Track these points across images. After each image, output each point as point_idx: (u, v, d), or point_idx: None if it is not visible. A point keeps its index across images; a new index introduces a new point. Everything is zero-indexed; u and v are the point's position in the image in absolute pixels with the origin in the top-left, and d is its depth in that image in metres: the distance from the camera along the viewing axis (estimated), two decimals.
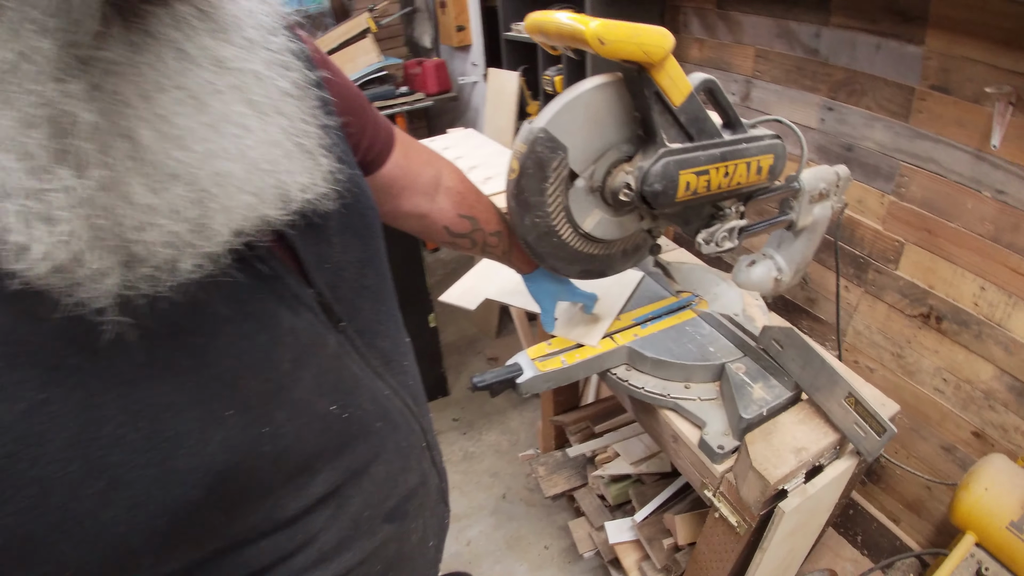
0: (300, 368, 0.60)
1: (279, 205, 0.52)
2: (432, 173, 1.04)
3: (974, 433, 1.78)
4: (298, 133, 0.54)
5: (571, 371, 1.27)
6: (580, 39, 0.84)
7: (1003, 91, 1.43)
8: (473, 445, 2.73)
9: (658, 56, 0.91)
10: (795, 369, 1.20)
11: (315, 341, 0.63)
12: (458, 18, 3.83)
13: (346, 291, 0.69)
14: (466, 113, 4.32)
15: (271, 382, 0.57)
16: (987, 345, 1.67)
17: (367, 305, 0.74)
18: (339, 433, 0.67)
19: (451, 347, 3.37)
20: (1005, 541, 1.48)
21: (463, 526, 2.35)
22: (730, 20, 2.11)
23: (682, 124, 1.03)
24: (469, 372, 3.20)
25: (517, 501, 2.44)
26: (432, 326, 2.69)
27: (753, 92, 2.13)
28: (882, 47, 1.68)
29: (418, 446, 0.83)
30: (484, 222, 1.13)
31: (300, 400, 0.61)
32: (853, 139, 1.85)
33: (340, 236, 0.68)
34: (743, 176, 1.14)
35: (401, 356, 0.84)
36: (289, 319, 0.60)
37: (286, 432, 0.59)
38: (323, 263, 0.65)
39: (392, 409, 0.77)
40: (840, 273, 1.97)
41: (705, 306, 1.48)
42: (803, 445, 1.13)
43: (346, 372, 0.68)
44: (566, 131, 1.00)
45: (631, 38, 0.86)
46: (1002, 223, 1.56)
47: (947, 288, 1.73)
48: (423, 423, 0.86)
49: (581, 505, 2.07)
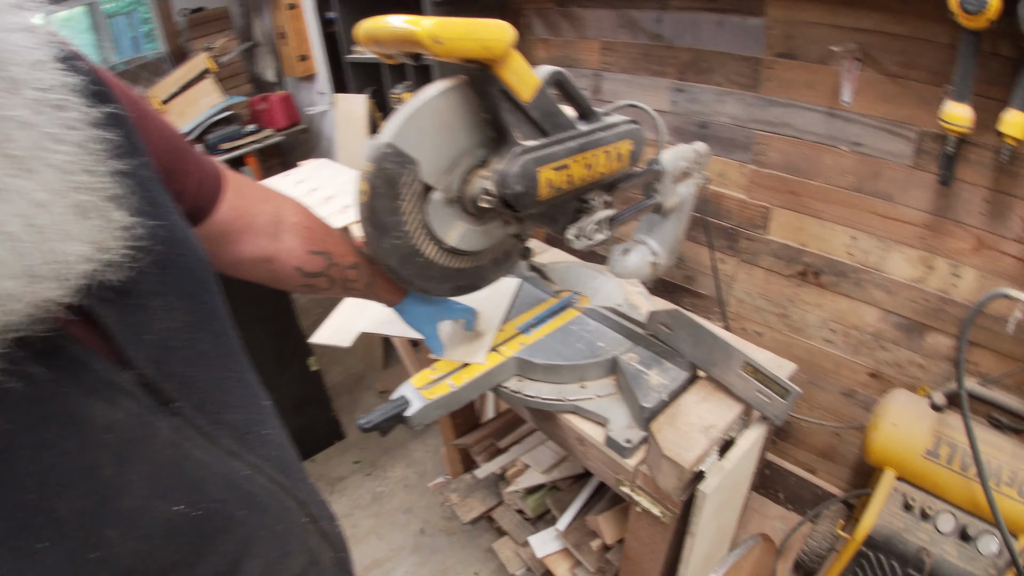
0: (127, 470, 0.49)
1: (56, 284, 0.41)
2: (271, 210, 0.91)
3: (871, 374, 1.86)
4: (77, 187, 0.43)
5: (461, 394, 1.20)
6: (415, 41, 0.78)
7: (849, 49, 1.49)
8: (380, 485, 2.60)
9: (499, 50, 0.86)
10: (687, 349, 1.19)
11: (142, 433, 0.52)
12: (299, 48, 3.70)
13: (176, 364, 0.57)
14: (319, 144, 4.19)
15: (92, 495, 0.47)
16: (867, 290, 1.75)
17: (205, 375, 0.62)
18: (193, 536, 0.56)
19: (339, 387, 3.22)
20: (924, 470, 1.54)
21: (386, 571, 2.23)
22: (572, 16, 2.12)
23: (534, 120, 0.99)
24: (361, 410, 3.05)
25: (437, 533, 2.34)
26: (314, 370, 2.55)
27: (603, 84, 2.15)
28: (724, 23, 1.73)
29: (297, 523, 0.72)
30: (339, 256, 1.01)
31: (133, 509, 0.50)
32: (706, 116, 1.89)
33: (159, 299, 0.56)
34: (604, 165, 1.11)
35: (259, 425, 0.71)
36: (104, 413, 0.48)
37: (122, 552, 0.49)
38: (141, 336, 0.53)
39: (256, 491, 0.65)
40: (713, 246, 2.01)
41: (587, 302, 1.45)
42: (710, 423, 1.11)
43: (188, 462, 0.57)
44: (414, 143, 0.93)
45: (469, 35, 0.81)
46: (863, 173, 1.63)
47: (819, 243, 1.80)
48: (300, 495, 0.74)
49: (502, 524, 2.01)
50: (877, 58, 1.50)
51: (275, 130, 3.77)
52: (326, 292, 1.05)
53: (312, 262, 0.97)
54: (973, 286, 1.57)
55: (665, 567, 1.29)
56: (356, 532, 2.38)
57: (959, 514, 1.52)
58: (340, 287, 1.04)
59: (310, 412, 2.66)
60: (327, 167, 2.67)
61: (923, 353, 1.73)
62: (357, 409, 3.07)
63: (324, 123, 4.01)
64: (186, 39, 3.93)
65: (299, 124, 3.91)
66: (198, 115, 3.53)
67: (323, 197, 2.29)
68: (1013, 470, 1.44)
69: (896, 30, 1.45)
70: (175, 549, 0.54)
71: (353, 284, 1.06)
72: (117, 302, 0.51)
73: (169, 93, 3.57)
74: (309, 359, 2.49)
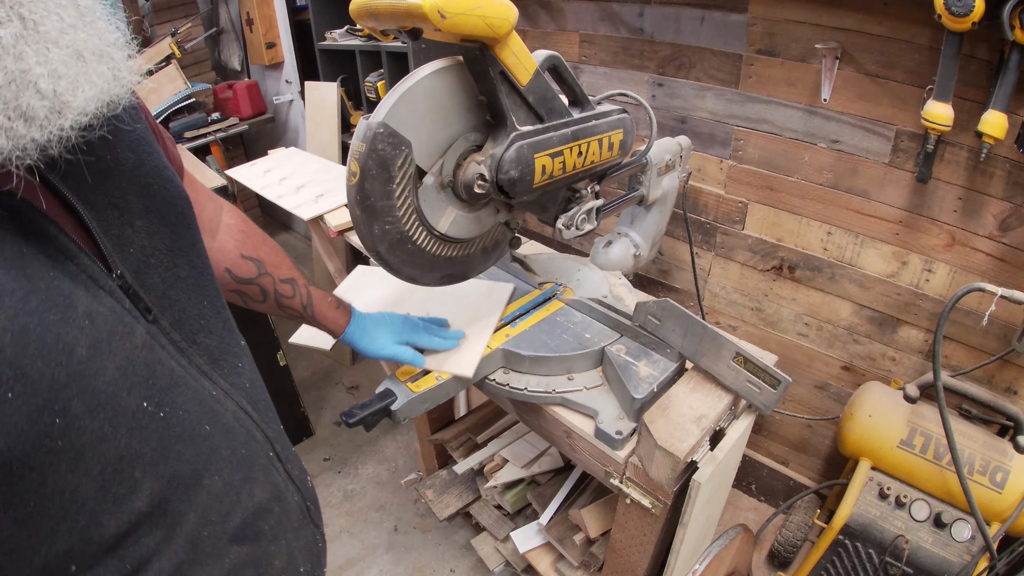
0: (100, 356, 0.52)
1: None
2: (214, 208, 0.93)
3: (844, 367, 1.89)
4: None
5: (447, 386, 1.17)
6: (419, 15, 0.75)
7: (829, 47, 1.50)
8: (351, 482, 2.55)
9: (503, 30, 0.84)
10: (676, 340, 1.18)
11: (118, 330, 0.55)
12: (267, 35, 3.61)
13: (156, 280, 0.63)
14: (285, 134, 4.11)
15: (63, 367, 0.49)
16: (842, 284, 1.77)
17: (185, 298, 0.66)
18: (156, 434, 0.58)
19: (306, 383, 3.16)
20: (899, 459, 1.58)
21: (360, 570, 2.19)
22: (551, 8, 2.11)
23: (531, 104, 0.97)
24: (331, 407, 3.01)
25: (411, 531, 2.31)
26: (283, 364, 2.49)
27: (582, 77, 2.14)
28: (706, 19, 1.73)
29: (263, 456, 0.74)
30: (271, 266, 1.00)
31: (102, 392, 0.52)
32: (686, 111, 1.89)
33: (144, 220, 0.62)
34: (596, 154, 1.10)
35: (233, 357, 0.74)
36: (86, 302, 0.52)
37: (85, 428, 0.50)
38: (126, 247, 0.59)
39: (222, 412, 0.68)
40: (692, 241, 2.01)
41: (571, 293, 1.44)
42: (702, 413, 1.11)
43: (160, 367, 0.60)
44: (408, 124, 0.90)
45: (473, 10, 0.78)
46: (840, 170, 1.65)
47: (795, 238, 1.81)
48: (268, 432, 0.76)
49: (480, 520, 1.98)
50: (857, 57, 1.52)
51: (240, 119, 3.68)
52: (259, 306, 1.02)
53: (242, 267, 0.96)
54: (945, 281, 1.60)
55: (652, 559, 1.28)
56: (328, 531, 2.30)
57: (933, 502, 1.55)
58: (273, 302, 1.02)
59: (278, 408, 2.55)
60: (297, 156, 2.60)
61: (896, 346, 1.76)
62: (325, 405, 3.02)
63: (291, 112, 3.93)
64: (150, 24, 3.81)
65: (265, 113, 3.82)
66: (161, 102, 3.43)
67: (294, 186, 2.23)
68: (985, 459, 1.48)
69: (876, 30, 1.47)
70: (137, 442, 0.56)
71: (287, 301, 1.03)
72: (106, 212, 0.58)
73: None
74: (278, 353, 2.43)
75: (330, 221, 1.99)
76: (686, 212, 1.85)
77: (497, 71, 0.90)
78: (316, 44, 3.09)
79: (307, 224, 2.10)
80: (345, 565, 2.20)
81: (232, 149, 4.24)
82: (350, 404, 2.59)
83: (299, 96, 3.61)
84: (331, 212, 2.04)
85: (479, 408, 2.20)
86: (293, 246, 4.67)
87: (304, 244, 4.60)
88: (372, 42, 2.75)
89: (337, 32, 2.99)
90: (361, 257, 2.64)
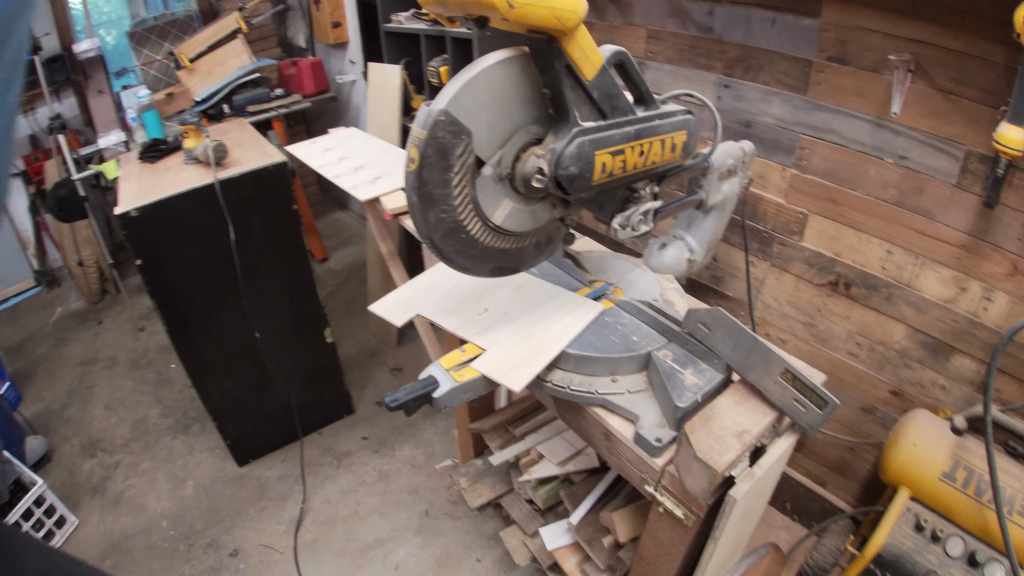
0: None
1: None
2: None
3: (892, 392, 1.82)
4: None
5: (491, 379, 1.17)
6: (486, 3, 0.74)
7: (903, 58, 1.44)
8: (387, 463, 2.59)
9: (572, 23, 0.82)
10: (725, 350, 1.15)
11: None
12: (333, 14, 3.66)
13: None
14: (346, 113, 4.16)
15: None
16: (897, 306, 1.71)
17: None
18: None
19: (351, 361, 3.21)
20: (939, 492, 1.51)
21: (388, 550, 2.22)
22: (620, 2, 2.07)
23: (595, 100, 0.95)
24: (374, 386, 3.05)
25: (441, 516, 2.32)
26: (329, 341, 2.53)
27: (647, 74, 2.10)
28: (778, 21, 1.67)
29: None
30: None
31: None
32: (751, 115, 1.84)
33: None
34: (658, 155, 1.08)
35: None
36: None
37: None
38: None
39: None
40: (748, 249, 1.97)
41: (621, 294, 1.42)
42: (744, 428, 1.08)
43: None
44: (469, 113, 0.89)
45: (542, 1, 0.77)
46: (905, 187, 1.58)
47: (853, 254, 1.75)
48: None
49: (511, 513, 1.98)
50: (930, 71, 1.45)
51: (303, 96, 3.74)
52: None
53: None
54: (1004, 311, 1.54)
55: (680, 570, 1.26)
56: (360, 509, 2.37)
57: (969, 539, 1.49)
58: None
59: (322, 384, 2.64)
60: (357, 136, 2.62)
61: (947, 375, 1.69)
62: (368, 384, 3.05)
63: (353, 93, 3.97)
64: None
65: (328, 91, 3.87)
66: (226, 75, 3.50)
67: (352, 166, 2.24)
68: None
69: (951, 45, 1.40)
70: None
71: None
72: None
73: (197, 52, 3.54)
74: (325, 330, 2.47)
75: (386, 204, 2.00)
76: (744, 219, 1.81)
77: (563, 64, 0.88)
78: (381, 26, 3.11)
79: (363, 205, 2.11)
80: (374, 544, 2.23)
81: (294, 125, 4.31)
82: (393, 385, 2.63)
83: (362, 77, 3.63)
84: (387, 195, 2.04)
85: (519, 401, 2.19)
86: (348, 224, 4.74)
87: (359, 224, 4.67)
88: (437, 27, 2.75)
89: (403, 15, 3.00)
90: (414, 240, 2.66)
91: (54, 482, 2.64)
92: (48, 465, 2.80)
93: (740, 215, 1.82)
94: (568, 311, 1.30)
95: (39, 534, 2.30)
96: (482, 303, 1.33)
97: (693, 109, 1.16)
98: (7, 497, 2.17)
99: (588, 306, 1.33)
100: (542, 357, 1.18)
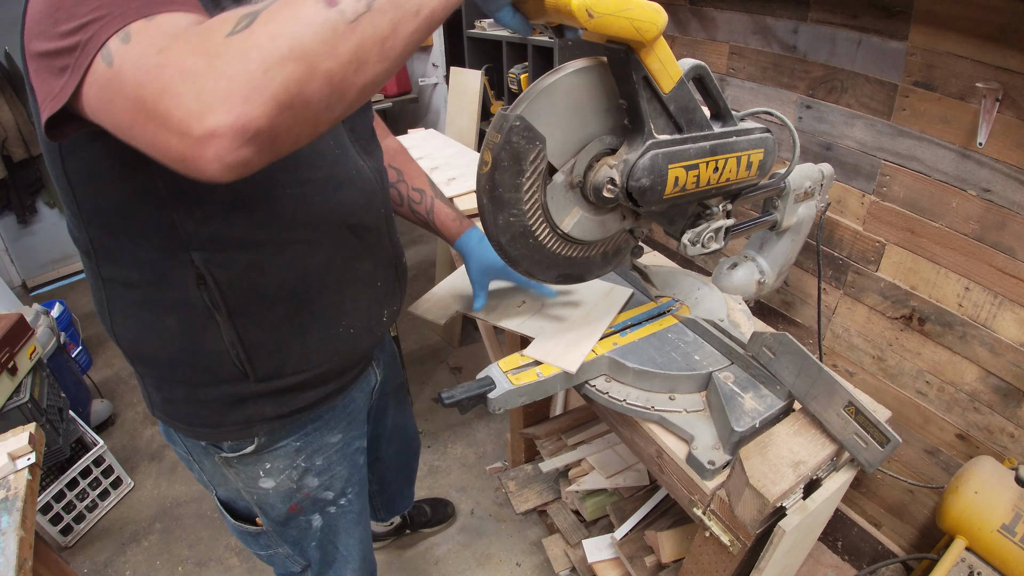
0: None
1: None
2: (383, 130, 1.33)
3: (958, 435, 1.74)
4: None
5: (547, 384, 1.17)
6: (566, 12, 0.75)
7: (991, 87, 1.38)
8: (438, 459, 2.62)
9: (651, 35, 0.82)
10: (788, 377, 1.12)
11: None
12: None
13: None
14: (426, 115, 4.23)
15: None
16: (972, 346, 1.63)
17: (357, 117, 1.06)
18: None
19: (412, 356, 3.26)
20: (996, 544, 1.44)
21: (430, 544, 2.24)
22: (703, 16, 2.05)
23: (671, 113, 0.94)
24: (432, 382, 3.09)
25: (486, 517, 2.34)
26: (392, 335, 2.56)
27: (727, 90, 2.07)
28: (863, 43, 1.63)
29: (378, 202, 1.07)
30: (409, 177, 1.29)
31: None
32: (832, 137, 1.79)
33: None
34: (732, 172, 1.06)
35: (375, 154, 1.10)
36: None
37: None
38: None
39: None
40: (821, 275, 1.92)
41: (687, 311, 1.40)
42: (801, 458, 1.05)
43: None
44: (544, 120, 0.90)
45: (622, 11, 0.77)
46: (988, 222, 1.51)
47: (930, 289, 1.68)
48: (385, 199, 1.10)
49: (555, 522, 1.98)
50: (1019, 102, 1.38)
51: (384, 96, 3.82)
52: (399, 209, 1.29)
53: (387, 173, 1.17)
54: None
55: None
56: None
57: None
58: (407, 207, 1.30)
59: None
60: (435, 138, 2.67)
61: (1017, 422, 1.60)
62: (427, 380, 3.10)
63: (434, 96, 4.04)
64: None
65: (410, 93, 3.95)
66: None
67: (429, 167, 2.29)
68: None
69: None
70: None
71: (417, 206, 1.30)
72: None
73: None
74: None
75: (459, 205, 2.04)
76: (819, 244, 1.76)
77: (640, 76, 0.88)
78: (465, 31, 3.16)
79: None
80: (417, 537, 2.26)
81: None
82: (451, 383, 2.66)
83: (444, 80, 3.70)
84: (461, 196, 2.08)
85: (574, 410, 2.19)
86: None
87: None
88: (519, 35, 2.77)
89: (486, 21, 3.04)
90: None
91: (115, 444, 2.79)
92: (111, 428, 2.96)
93: (815, 240, 1.78)
94: (601, 296, 1.39)
95: (95, 492, 2.43)
96: (519, 296, 1.42)
97: (772, 128, 1.13)
98: (68, 454, 2.30)
99: (618, 291, 1.42)
100: (589, 339, 1.25)
